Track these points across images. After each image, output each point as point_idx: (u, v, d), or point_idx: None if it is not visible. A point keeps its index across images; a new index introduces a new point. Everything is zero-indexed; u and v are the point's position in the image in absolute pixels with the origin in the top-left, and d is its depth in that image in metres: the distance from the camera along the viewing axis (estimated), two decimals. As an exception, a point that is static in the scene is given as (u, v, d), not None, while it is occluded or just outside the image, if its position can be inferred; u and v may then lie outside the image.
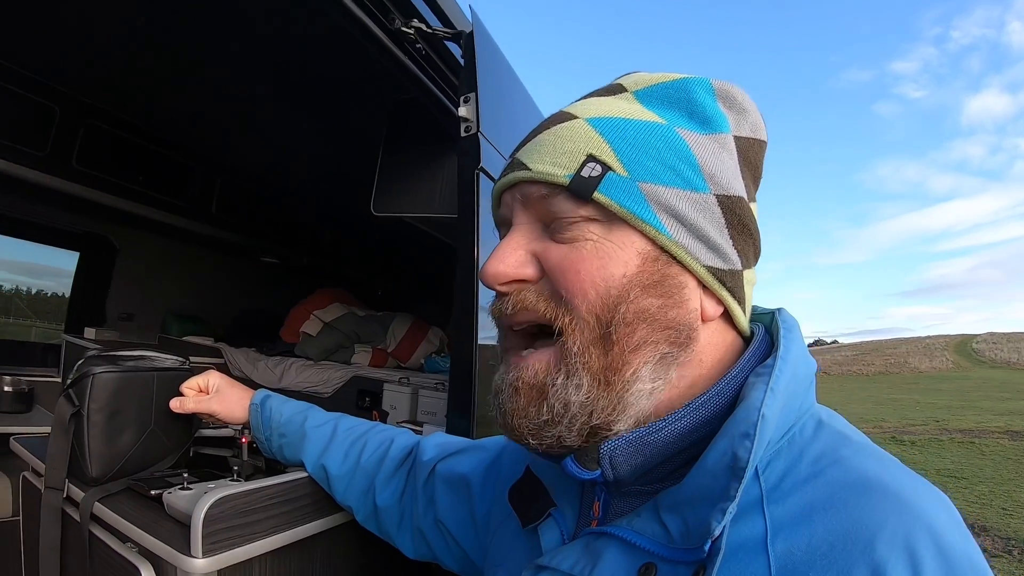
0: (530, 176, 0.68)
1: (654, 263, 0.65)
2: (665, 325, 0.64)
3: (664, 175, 0.65)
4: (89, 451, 1.26)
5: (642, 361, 0.63)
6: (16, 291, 4.11)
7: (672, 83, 0.72)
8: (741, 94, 0.72)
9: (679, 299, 0.66)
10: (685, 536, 0.59)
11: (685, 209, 0.65)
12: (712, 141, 0.69)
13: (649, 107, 0.71)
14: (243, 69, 2.63)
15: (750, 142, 0.72)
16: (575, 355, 0.64)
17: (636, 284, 0.64)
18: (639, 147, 0.66)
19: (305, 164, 3.82)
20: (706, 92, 0.71)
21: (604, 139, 0.67)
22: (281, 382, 3.66)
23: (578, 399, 0.63)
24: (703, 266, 0.66)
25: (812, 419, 0.65)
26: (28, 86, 2.96)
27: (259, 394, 1.42)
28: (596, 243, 0.65)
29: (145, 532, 1.11)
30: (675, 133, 0.68)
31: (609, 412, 0.63)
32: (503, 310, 0.70)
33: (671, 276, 0.65)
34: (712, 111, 0.70)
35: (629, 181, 0.65)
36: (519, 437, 0.67)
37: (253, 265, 4.98)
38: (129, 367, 1.36)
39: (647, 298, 0.64)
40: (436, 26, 1.68)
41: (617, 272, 0.64)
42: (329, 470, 1.26)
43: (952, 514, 0.55)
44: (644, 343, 0.63)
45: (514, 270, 0.69)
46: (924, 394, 26.97)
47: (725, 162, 0.69)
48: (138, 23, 2.36)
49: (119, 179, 3.44)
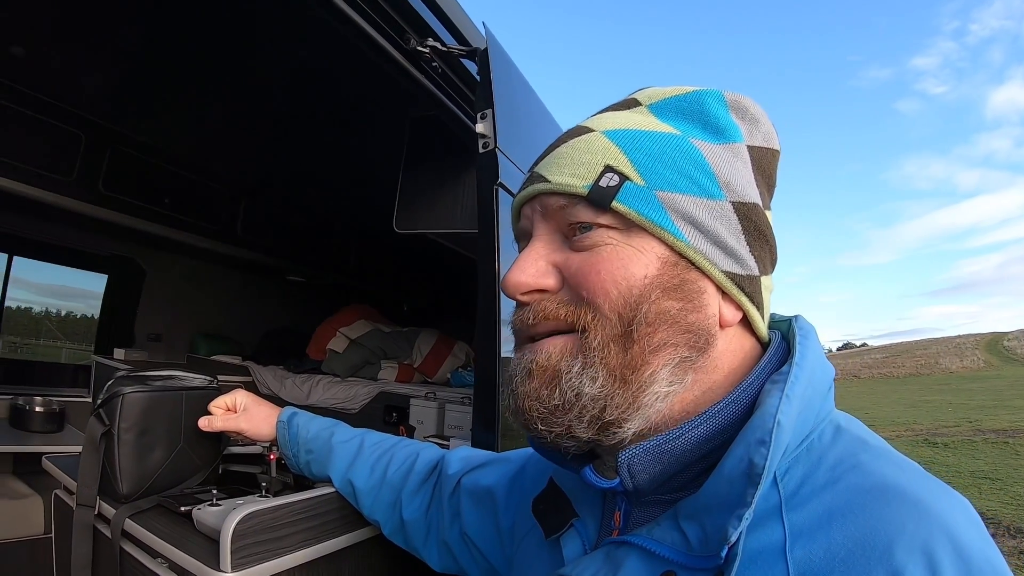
0: (549, 188, 0.70)
1: (673, 267, 0.66)
2: (685, 328, 0.65)
3: (681, 183, 0.66)
4: (120, 469, 1.28)
5: (661, 363, 0.64)
6: (46, 313, 4.17)
7: (685, 96, 0.73)
8: (753, 105, 0.73)
9: (699, 303, 0.66)
10: (704, 543, 0.59)
11: (702, 216, 0.66)
12: (726, 150, 0.70)
13: (664, 119, 0.72)
14: (264, 92, 2.68)
15: (763, 151, 0.73)
16: (594, 348, 0.65)
17: (657, 286, 0.65)
18: (655, 157, 0.67)
19: (327, 183, 3.87)
20: (718, 103, 0.72)
21: (621, 150, 0.68)
22: (309, 399, 3.68)
23: (591, 391, 0.64)
24: (721, 271, 0.67)
25: (830, 425, 0.65)
26: (54, 114, 3.03)
27: (286, 411, 1.43)
28: (615, 247, 0.66)
29: (175, 548, 1.13)
30: (690, 143, 0.68)
31: (624, 409, 0.64)
32: (525, 320, 0.70)
33: (690, 281, 0.66)
34: (725, 122, 0.71)
35: (646, 190, 0.66)
36: (529, 421, 0.68)
37: (279, 284, 5.03)
38: (158, 386, 1.38)
39: (668, 300, 0.65)
40: (451, 44, 1.70)
41: (638, 273, 0.65)
42: (356, 485, 1.27)
43: (971, 517, 0.55)
44: (664, 345, 0.64)
45: (535, 280, 0.70)
46: (956, 395, 26.47)
47: (739, 170, 0.70)
48: (159, 49, 2.40)
49: (145, 203, 3.50)
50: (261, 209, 4.26)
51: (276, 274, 4.84)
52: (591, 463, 0.69)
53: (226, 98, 2.80)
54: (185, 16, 2.18)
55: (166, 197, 3.61)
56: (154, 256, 4.15)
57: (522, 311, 0.71)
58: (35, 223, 3.49)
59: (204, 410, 1.42)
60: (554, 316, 0.68)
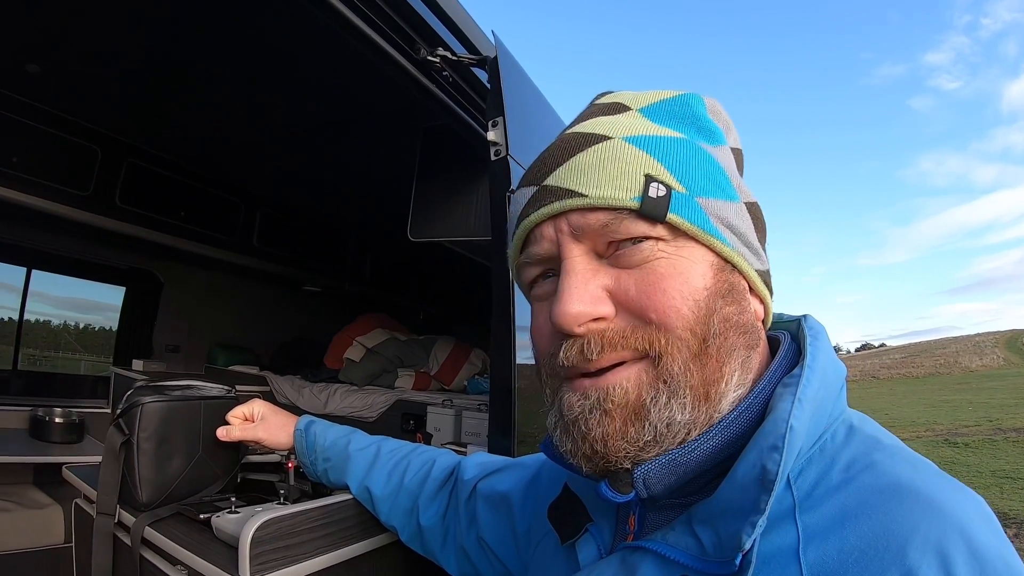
0: (587, 203, 0.64)
1: (722, 272, 0.65)
2: (743, 330, 0.66)
3: (711, 189, 0.66)
4: (139, 477, 1.30)
5: (731, 369, 0.64)
6: (65, 326, 4.21)
7: (674, 99, 0.72)
8: (721, 107, 0.75)
9: (745, 304, 0.67)
10: (718, 548, 0.59)
11: (734, 218, 0.66)
12: (722, 152, 0.71)
13: (662, 124, 0.70)
14: (278, 103, 2.70)
15: (738, 152, 0.75)
16: (676, 375, 0.61)
17: (716, 294, 0.64)
18: (685, 163, 0.65)
19: (342, 193, 3.88)
20: (702, 106, 0.73)
21: (653, 157, 0.65)
22: (326, 408, 3.69)
23: (683, 418, 0.61)
24: (756, 270, 0.68)
25: (843, 425, 0.65)
26: (70, 129, 3.07)
27: (303, 420, 1.44)
28: (669, 259, 0.63)
29: (194, 555, 1.14)
30: (700, 147, 0.68)
31: (703, 426, 0.63)
32: (585, 355, 0.64)
33: (736, 283, 0.66)
34: (712, 124, 0.72)
35: (689, 198, 0.64)
36: (617, 462, 0.64)
37: (295, 294, 5.05)
38: (176, 396, 1.39)
39: (727, 306, 0.64)
40: (461, 53, 1.71)
41: (699, 285, 0.63)
42: (373, 491, 1.27)
43: (987, 516, 0.55)
44: (732, 351, 0.64)
45: (593, 308, 0.64)
46: (976, 393, 26.18)
47: (735, 170, 0.71)
48: (172, 63, 2.43)
49: (161, 215, 3.53)
50: (277, 220, 4.29)
51: (292, 284, 4.86)
52: (606, 478, 0.67)
53: (240, 110, 2.83)
54: (198, 29, 2.21)
55: (182, 209, 3.65)
56: (171, 268, 4.18)
57: (573, 343, 0.65)
58: (53, 237, 3.53)
59: (222, 419, 1.43)
60: (622, 344, 0.63)
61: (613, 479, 0.66)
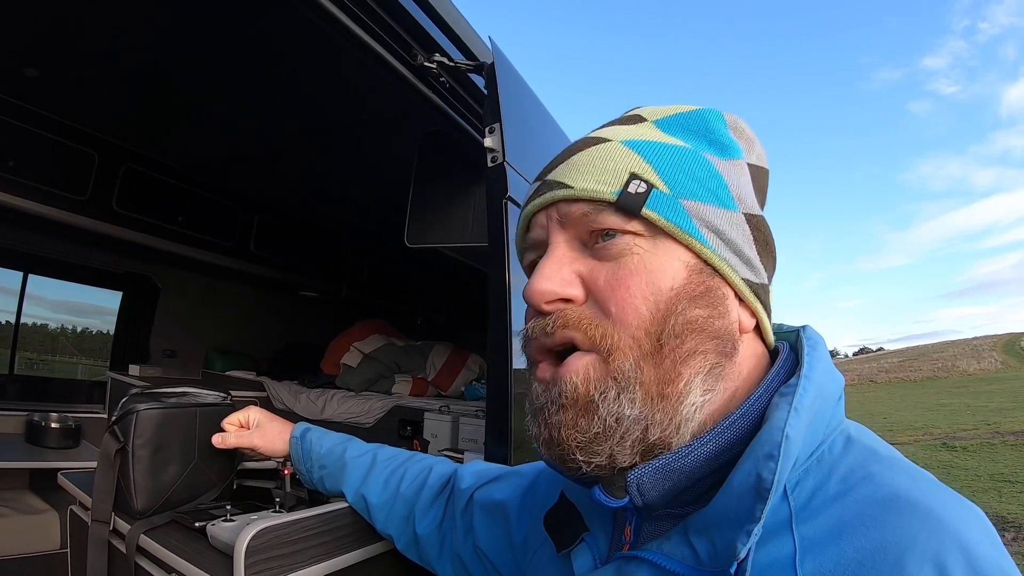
0: (572, 194, 0.68)
1: (699, 274, 0.66)
2: (713, 335, 0.65)
3: (701, 193, 0.67)
4: (134, 485, 1.29)
5: (693, 372, 0.63)
6: (62, 330, 4.20)
7: (689, 113, 0.74)
8: (747, 127, 0.76)
9: (723, 310, 0.66)
10: (713, 558, 0.59)
11: (722, 225, 0.67)
12: (732, 165, 0.71)
13: (671, 134, 0.73)
14: (275, 109, 2.70)
15: (759, 170, 0.76)
16: (627, 371, 0.63)
17: (684, 296, 0.64)
18: (676, 167, 0.68)
19: (339, 199, 3.89)
20: (720, 121, 0.74)
21: (643, 159, 0.68)
22: (323, 414, 3.69)
23: (632, 413, 0.63)
24: (741, 279, 0.68)
25: (841, 435, 0.64)
26: (67, 133, 3.07)
27: (299, 427, 1.44)
28: (642, 256, 0.65)
29: (189, 563, 1.13)
30: (703, 156, 0.70)
31: (665, 427, 0.63)
32: (544, 328, 0.68)
33: (715, 287, 0.66)
34: (728, 139, 0.73)
35: (672, 197, 0.66)
36: (567, 452, 0.65)
37: (293, 300, 5.05)
38: (172, 403, 1.39)
39: (695, 309, 0.64)
40: (458, 59, 1.71)
41: (665, 285, 0.64)
42: (369, 499, 1.27)
43: (984, 527, 0.54)
44: (694, 353, 0.64)
45: (561, 288, 0.67)
46: (974, 397, 26.25)
47: (745, 184, 0.72)
48: (170, 68, 2.43)
49: (158, 220, 3.54)
50: (274, 225, 4.30)
51: (289, 290, 4.87)
52: (600, 482, 0.68)
53: (238, 115, 2.83)
54: (196, 35, 2.21)
55: (179, 215, 3.65)
56: (168, 273, 4.19)
57: (539, 318, 0.69)
58: (50, 241, 3.53)
59: (218, 426, 1.43)
60: (575, 326, 0.66)
61: (607, 484, 0.67)
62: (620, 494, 0.66)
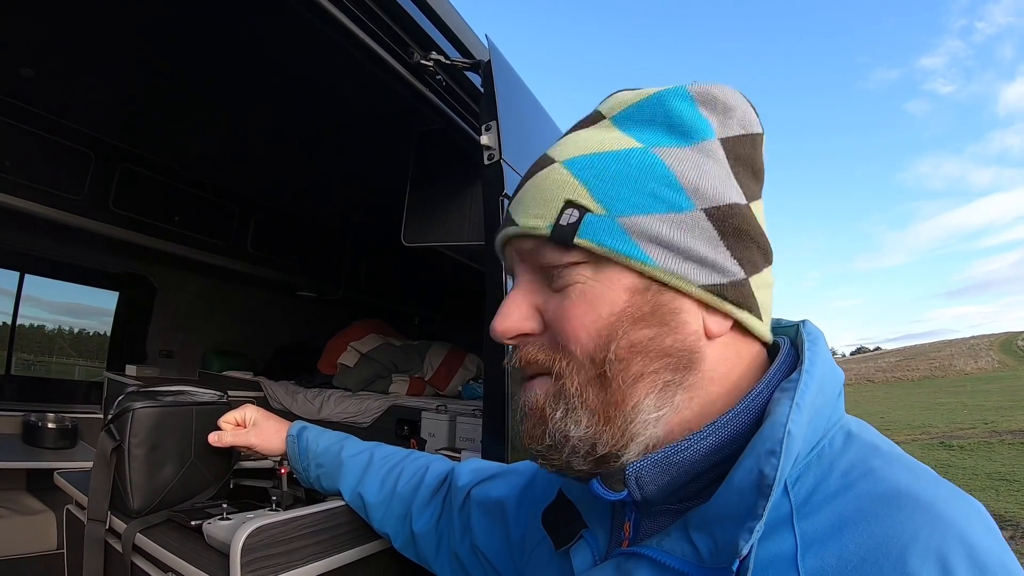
0: (518, 231, 0.70)
1: (643, 294, 0.65)
2: (662, 354, 0.64)
3: (644, 203, 0.65)
4: (131, 484, 1.29)
5: (643, 392, 0.63)
6: (59, 331, 4.20)
7: (647, 100, 0.70)
8: (723, 92, 0.70)
9: (674, 325, 0.65)
10: (714, 555, 0.59)
11: (670, 233, 0.64)
12: (695, 153, 0.67)
13: (626, 131, 0.70)
14: (271, 108, 2.70)
15: (740, 140, 0.69)
16: (572, 394, 0.65)
17: (625, 319, 0.64)
18: (614, 181, 0.66)
19: (337, 198, 3.89)
20: (683, 101, 0.69)
21: (579, 181, 0.67)
22: (320, 413, 3.68)
23: (577, 433, 0.65)
24: (699, 286, 0.65)
25: (841, 431, 0.64)
26: (63, 133, 3.06)
27: (295, 425, 1.43)
28: (584, 286, 0.66)
29: (186, 562, 1.13)
30: (652, 156, 0.67)
31: (614, 444, 0.64)
32: (511, 358, 0.73)
33: (663, 304, 0.65)
34: (692, 120, 0.68)
35: (607, 219, 0.65)
36: (532, 458, 0.71)
37: (290, 299, 5.04)
38: (168, 402, 1.39)
39: (639, 331, 0.64)
40: (454, 57, 1.70)
41: (605, 311, 0.65)
42: (366, 498, 1.27)
43: (986, 522, 0.54)
44: (642, 375, 0.64)
45: (517, 325, 0.71)
46: (971, 396, 26.37)
47: (711, 171, 0.67)
48: (166, 67, 2.43)
49: (156, 220, 3.52)
50: (271, 225, 4.28)
51: (287, 290, 4.85)
52: (599, 475, 0.68)
53: (234, 115, 2.83)
54: (192, 33, 2.20)
55: (176, 214, 3.63)
56: (165, 273, 4.17)
57: (512, 353, 0.73)
58: (46, 241, 3.52)
59: (214, 425, 1.43)
60: (534, 360, 0.69)
61: (605, 477, 0.67)
62: (619, 487, 0.66)
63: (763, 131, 0.72)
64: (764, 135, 0.72)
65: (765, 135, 0.73)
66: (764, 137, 0.72)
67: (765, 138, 0.72)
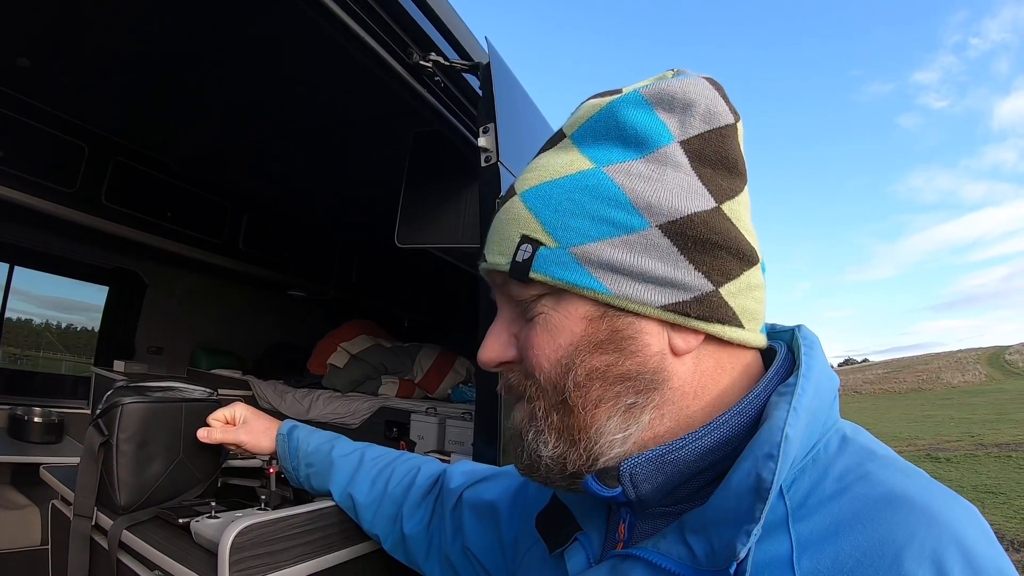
0: (487, 267, 0.73)
1: (600, 322, 0.66)
2: (621, 379, 0.65)
3: (593, 230, 0.65)
4: (118, 480, 1.28)
5: (605, 416, 0.65)
6: (47, 325, 4.17)
7: (600, 113, 0.69)
8: (682, 87, 0.66)
9: (633, 349, 0.65)
10: (711, 558, 0.59)
11: (623, 257, 0.63)
12: (649, 164, 0.65)
13: (584, 150, 0.69)
14: (267, 105, 2.69)
15: (704, 138, 0.66)
16: (540, 418, 0.69)
17: (583, 348, 0.66)
18: (564, 211, 0.66)
19: (330, 197, 3.87)
20: (636, 108, 0.67)
21: (532, 214, 0.68)
22: (309, 414, 3.67)
23: (547, 453, 0.68)
24: (658, 307, 0.64)
25: (836, 435, 0.64)
26: (57, 124, 3.04)
27: (286, 424, 1.42)
28: (547, 316, 0.68)
29: (173, 560, 1.12)
30: (602, 176, 0.66)
31: (583, 463, 0.67)
32: (499, 388, 0.78)
33: (620, 329, 0.65)
34: (646, 127, 0.66)
35: (559, 250, 0.65)
36: (520, 474, 0.75)
37: (280, 299, 5.02)
38: (157, 398, 1.38)
39: (597, 357, 0.66)
40: (453, 59, 1.70)
41: (564, 341, 0.67)
42: (356, 498, 1.26)
43: (981, 525, 0.55)
44: (603, 399, 0.65)
45: (496, 355, 0.74)
46: (958, 409, 26.55)
47: (668, 182, 0.65)
48: (163, 62, 2.42)
49: (147, 215, 3.50)
50: (263, 224, 4.27)
51: (277, 289, 4.83)
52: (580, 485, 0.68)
53: (229, 111, 2.82)
54: (189, 30, 2.20)
55: (168, 210, 3.61)
56: (156, 269, 4.15)
57: (499, 378, 0.78)
58: (37, 234, 3.49)
59: (204, 422, 1.42)
60: (513, 386, 0.74)
61: (600, 473, 0.67)
62: (613, 483, 0.66)
63: (736, 118, 0.68)
64: (739, 122, 0.69)
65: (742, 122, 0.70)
66: (739, 124, 0.69)
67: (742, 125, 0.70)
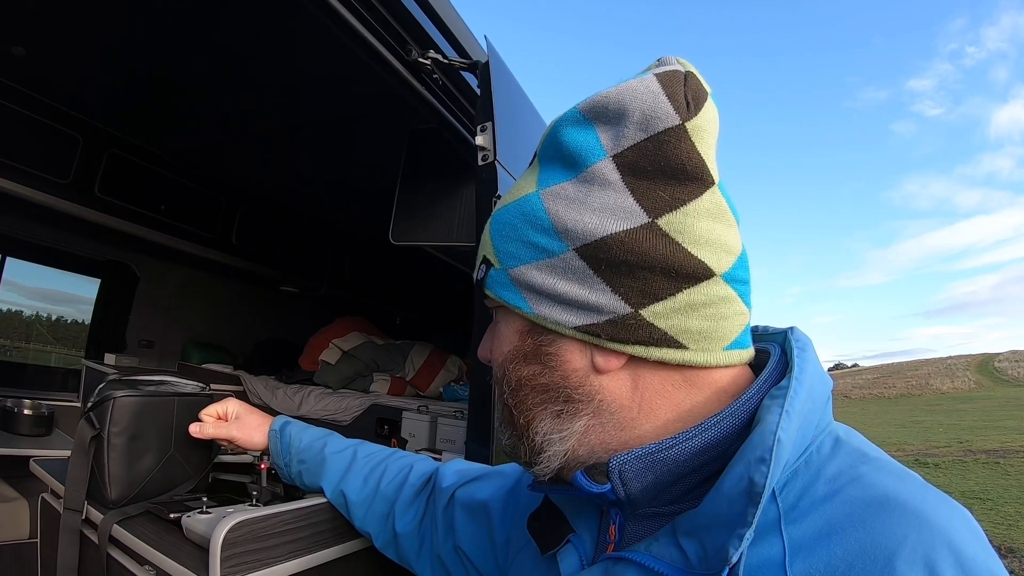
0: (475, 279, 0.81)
1: (527, 336, 0.72)
2: (543, 389, 0.71)
3: (523, 254, 0.70)
4: (109, 473, 1.27)
5: (537, 418, 0.71)
6: (37, 317, 4.14)
7: (549, 133, 0.71)
8: (618, 95, 0.64)
9: (555, 364, 0.70)
10: (703, 561, 0.59)
11: (543, 280, 0.68)
12: (577, 185, 0.66)
13: (540, 172, 0.72)
14: (263, 100, 2.68)
15: (640, 148, 0.63)
16: (501, 411, 0.78)
17: (516, 357, 0.73)
18: (506, 235, 0.72)
19: (325, 194, 3.86)
20: (571, 125, 0.67)
21: (490, 237, 0.75)
22: (300, 410, 3.65)
23: (505, 441, 0.77)
24: (572, 328, 0.67)
25: (829, 437, 0.65)
26: (53, 115, 3.02)
27: (278, 420, 1.42)
28: (500, 325, 0.77)
29: (163, 555, 1.12)
30: (536, 201, 0.69)
31: (529, 457, 0.72)
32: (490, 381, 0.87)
33: (544, 345, 0.70)
34: (578, 146, 0.66)
35: (501, 272, 0.72)
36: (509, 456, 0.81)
37: (273, 294, 5.00)
38: (150, 392, 1.37)
39: (525, 367, 0.72)
40: (452, 57, 1.70)
41: (505, 349, 0.75)
42: (348, 496, 1.26)
43: (973, 528, 0.55)
44: (532, 405, 0.71)
45: (483, 353, 0.83)
46: (947, 415, 26.71)
47: (592, 202, 0.64)
48: (159, 54, 2.41)
49: (141, 208, 3.48)
50: (257, 218, 4.25)
51: (270, 284, 4.81)
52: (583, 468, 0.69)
53: (225, 105, 2.80)
54: (186, 22, 2.18)
55: (162, 203, 3.60)
56: (148, 262, 4.13)
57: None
58: (29, 224, 3.47)
59: (196, 417, 1.41)
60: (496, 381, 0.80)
61: (590, 469, 0.68)
62: (602, 479, 0.67)
63: (687, 116, 0.62)
64: (695, 118, 0.63)
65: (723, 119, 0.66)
66: (695, 122, 0.63)
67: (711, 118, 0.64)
